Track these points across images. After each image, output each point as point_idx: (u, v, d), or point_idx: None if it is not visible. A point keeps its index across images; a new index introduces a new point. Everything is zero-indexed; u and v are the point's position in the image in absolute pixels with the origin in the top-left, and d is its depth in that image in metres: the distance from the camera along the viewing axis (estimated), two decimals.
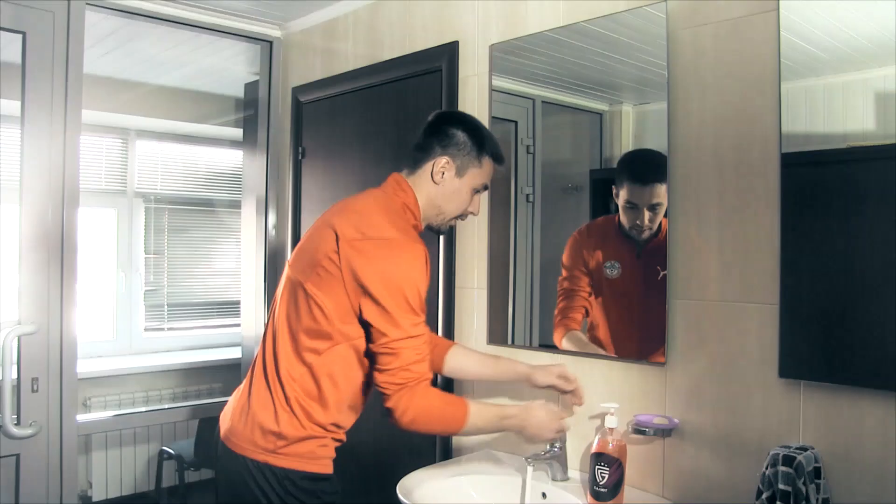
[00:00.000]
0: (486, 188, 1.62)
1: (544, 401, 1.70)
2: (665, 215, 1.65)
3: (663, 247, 1.65)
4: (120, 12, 2.51)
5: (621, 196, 1.75)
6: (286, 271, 1.58)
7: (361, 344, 1.46)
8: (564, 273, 1.88)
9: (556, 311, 1.90)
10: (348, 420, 1.54)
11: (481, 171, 1.57)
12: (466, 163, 1.55)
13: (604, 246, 1.79)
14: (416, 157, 1.57)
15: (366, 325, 1.43)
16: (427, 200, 1.56)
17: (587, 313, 1.85)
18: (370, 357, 1.47)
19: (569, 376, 1.75)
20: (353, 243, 1.42)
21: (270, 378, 1.49)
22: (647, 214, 1.70)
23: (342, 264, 1.41)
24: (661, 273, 1.65)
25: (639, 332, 1.75)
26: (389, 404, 1.42)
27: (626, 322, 1.80)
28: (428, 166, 1.55)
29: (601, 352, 1.81)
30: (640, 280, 1.73)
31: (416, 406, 1.42)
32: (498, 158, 1.59)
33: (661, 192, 1.67)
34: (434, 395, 1.47)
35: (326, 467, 1.49)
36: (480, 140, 1.56)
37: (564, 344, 1.87)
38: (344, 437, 1.54)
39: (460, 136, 1.54)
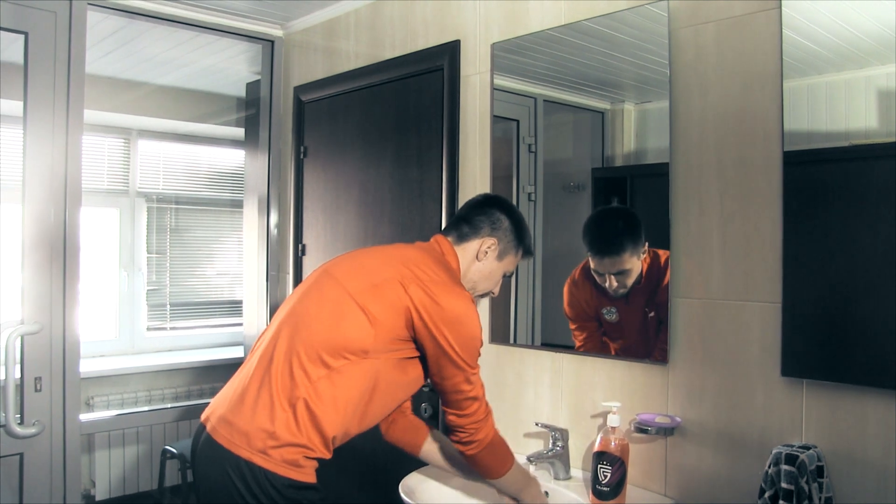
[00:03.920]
0: (511, 275, 1.75)
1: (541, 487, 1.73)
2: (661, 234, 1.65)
3: (650, 289, 1.70)
4: (121, 12, 2.51)
5: (589, 260, 1.82)
6: (319, 275, 1.58)
7: (385, 368, 1.49)
8: (572, 325, 1.90)
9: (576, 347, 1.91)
10: (341, 438, 1.52)
11: (514, 260, 1.70)
12: (508, 249, 1.66)
13: (597, 293, 1.82)
14: (463, 230, 1.66)
15: (426, 364, 1.53)
16: (465, 273, 1.65)
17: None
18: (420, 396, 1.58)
19: None
20: (428, 284, 1.48)
21: (276, 374, 1.45)
22: (613, 279, 1.76)
23: (414, 300, 1.46)
24: (650, 314, 1.70)
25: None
26: (470, 439, 1.54)
27: (632, 354, 1.79)
28: (476, 243, 1.64)
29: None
30: (635, 322, 1.77)
31: (488, 439, 1.55)
32: (529, 252, 1.73)
33: (623, 259, 1.74)
34: (499, 435, 1.60)
35: (310, 476, 1.46)
36: (522, 233, 1.68)
37: None
38: (329, 456, 1.50)
39: (507, 223, 1.66)
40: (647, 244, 1.70)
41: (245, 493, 1.40)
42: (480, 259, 1.64)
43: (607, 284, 1.76)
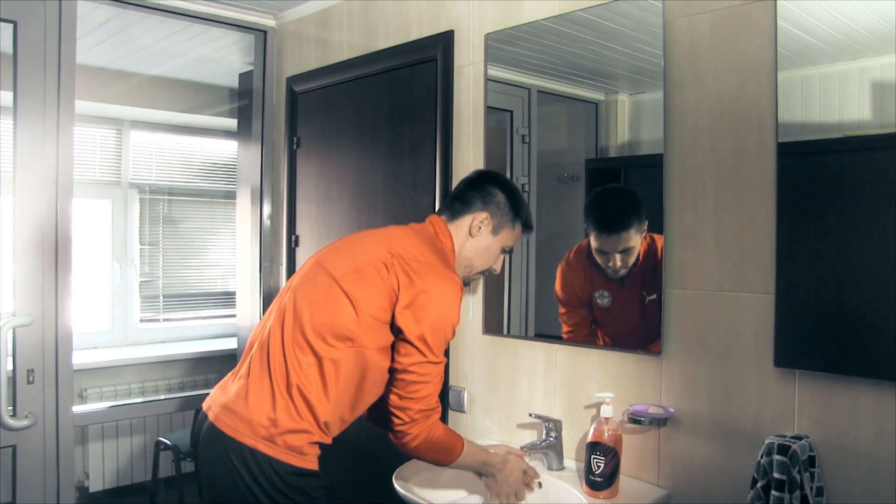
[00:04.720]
0: (511, 250, 1.70)
1: (523, 455, 1.69)
2: (655, 231, 1.65)
3: (646, 272, 1.68)
4: (112, 1, 2.48)
5: (591, 240, 1.79)
6: (312, 264, 1.59)
7: (372, 355, 1.48)
8: (562, 309, 1.89)
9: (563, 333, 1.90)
10: (338, 425, 1.53)
11: (512, 234, 1.66)
12: (503, 223, 1.64)
13: (591, 276, 1.81)
14: (455, 207, 1.64)
15: (394, 343, 1.49)
16: (459, 251, 1.63)
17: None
18: (389, 378, 1.52)
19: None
20: (410, 263, 1.47)
21: (274, 362, 1.47)
22: (617, 258, 1.73)
23: (399, 281, 1.45)
24: (648, 298, 1.68)
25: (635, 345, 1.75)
26: (405, 429, 1.47)
27: (622, 343, 1.78)
28: (468, 219, 1.62)
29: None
30: (630, 307, 1.76)
31: (425, 434, 1.49)
32: (528, 226, 1.69)
33: (629, 237, 1.71)
34: (441, 427, 1.53)
35: (313, 463, 1.48)
36: (517, 205, 1.65)
37: None
38: (329, 441, 1.52)
39: (500, 197, 1.63)
40: (647, 223, 1.70)
41: (248, 479, 1.41)
42: (474, 234, 1.62)
43: (611, 264, 1.73)
